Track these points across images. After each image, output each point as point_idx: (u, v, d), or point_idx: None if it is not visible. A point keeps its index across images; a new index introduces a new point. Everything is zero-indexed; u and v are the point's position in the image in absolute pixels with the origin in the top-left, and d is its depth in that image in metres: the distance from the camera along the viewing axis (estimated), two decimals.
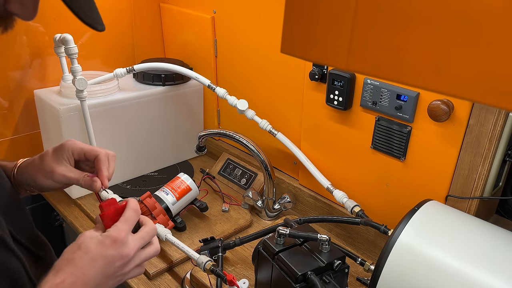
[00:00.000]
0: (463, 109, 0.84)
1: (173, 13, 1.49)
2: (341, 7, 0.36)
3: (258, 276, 0.88)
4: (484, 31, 0.29)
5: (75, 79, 1.12)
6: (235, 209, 1.23)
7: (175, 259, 1.04)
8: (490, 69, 0.29)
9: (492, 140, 0.82)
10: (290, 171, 1.30)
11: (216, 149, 1.50)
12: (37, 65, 1.30)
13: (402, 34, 0.33)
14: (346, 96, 1.01)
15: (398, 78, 0.35)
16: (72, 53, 1.12)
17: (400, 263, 0.72)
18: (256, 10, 1.21)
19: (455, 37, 0.31)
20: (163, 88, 1.36)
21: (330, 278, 0.78)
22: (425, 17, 0.32)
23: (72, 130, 1.18)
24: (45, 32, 1.27)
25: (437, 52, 0.32)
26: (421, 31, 0.32)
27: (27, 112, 1.30)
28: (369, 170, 1.04)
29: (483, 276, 0.65)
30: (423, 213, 0.77)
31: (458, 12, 0.30)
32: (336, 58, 0.38)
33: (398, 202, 1.00)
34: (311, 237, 0.81)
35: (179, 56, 1.52)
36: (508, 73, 0.29)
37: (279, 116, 1.24)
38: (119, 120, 1.27)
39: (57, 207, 1.27)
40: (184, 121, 1.45)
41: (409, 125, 0.93)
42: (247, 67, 1.30)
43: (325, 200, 1.18)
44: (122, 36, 1.48)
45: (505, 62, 0.29)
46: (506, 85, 0.29)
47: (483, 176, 0.85)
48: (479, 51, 0.30)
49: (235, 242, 0.96)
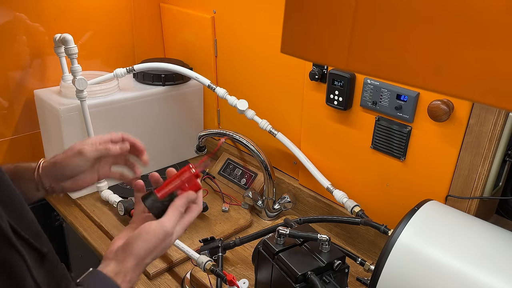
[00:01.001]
0: (463, 109, 0.84)
1: (173, 13, 1.49)
2: (341, 7, 0.36)
3: (258, 276, 0.88)
4: (484, 31, 0.29)
5: (75, 79, 1.12)
6: (235, 209, 1.23)
7: (175, 259, 1.04)
8: (490, 69, 0.29)
9: (492, 140, 0.82)
10: (290, 171, 1.29)
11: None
12: (37, 65, 1.30)
13: (402, 34, 0.33)
14: (346, 96, 1.01)
15: (398, 78, 0.35)
16: (72, 53, 1.12)
17: (400, 263, 0.72)
18: (256, 10, 1.21)
19: (455, 37, 0.31)
20: (163, 88, 1.36)
21: (330, 278, 0.78)
22: (425, 17, 0.32)
23: (72, 130, 1.18)
24: (45, 32, 1.27)
25: (437, 52, 0.32)
26: (421, 31, 0.32)
27: (27, 112, 1.30)
28: (369, 170, 1.04)
29: (483, 276, 0.65)
30: (423, 213, 0.77)
31: (458, 12, 0.30)
32: (336, 58, 0.38)
33: (398, 202, 1.00)
34: (311, 237, 0.81)
35: (179, 56, 1.52)
36: (508, 73, 0.29)
37: (279, 116, 1.24)
38: (119, 120, 1.27)
39: (57, 207, 1.27)
40: (184, 121, 1.45)
41: (409, 125, 0.93)
42: (247, 67, 1.30)
43: (325, 200, 1.18)
44: (122, 36, 1.48)
45: (505, 62, 0.29)
46: (506, 85, 0.29)
47: (483, 176, 0.85)
48: (479, 51, 0.30)
49: (235, 242, 0.96)
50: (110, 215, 1.19)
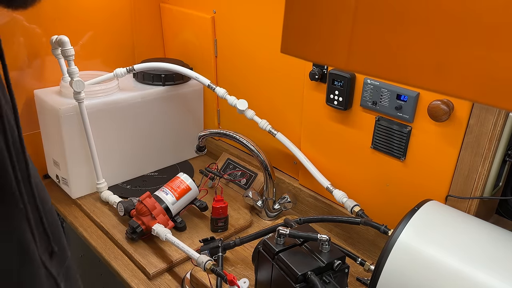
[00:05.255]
0: (463, 109, 0.84)
1: (173, 13, 1.49)
2: (341, 7, 0.36)
3: (258, 276, 0.88)
4: (484, 31, 0.29)
5: (72, 81, 1.12)
6: (235, 209, 1.23)
7: (175, 259, 1.04)
8: (490, 69, 0.29)
9: (492, 140, 0.82)
10: (290, 171, 1.30)
11: (216, 149, 1.50)
12: (37, 65, 1.30)
13: (402, 34, 0.33)
14: (346, 96, 1.01)
15: (398, 78, 0.35)
16: (68, 55, 1.12)
17: (400, 263, 0.72)
18: (256, 10, 1.21)
19: (455, 37, 0.31)
20: (163, 88, 1.36)
21: (330, 278, 0.78)
22: (425, 17, 0.32)
23: (72, 130, 1.18)
24: (42, 33, 1.27)
25: (437, 52, 0.32)
26: (421, 31, 0.32)
27: (27, 112, 1.30)
28: (369, 170, 1.04)
29: (483, 276, 0.65)
30: (423, 213, 0.77)
31: (458, 12, 0.30)
32: (336, 58, 0.38)
33: (398, 202, 1.00)
34: (311, 237, 0.81)
35: (179, 56, 1.52)
36: (508, 73, 0.29)
37: (279, 116, 1.24)
38: (119, 120, 1.27)
39: (57, 207, 1.27)
40: (184, 121, 1.45)
41: (409, 125, 0.93)
42: (247, 67, 1.30)
43: (325, 200, 1.18)
44: (122, 36, 1.48)
45: (505, 62, 0.29)
46: (506, 85, 0.29)
47: (483, 176, 0.85)
48: (479, 51, 0.30)
49: (235, 242, 0.96)
50: (110, 215, 1.19)
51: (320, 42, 0.39)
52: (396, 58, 0.34)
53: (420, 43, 0.33)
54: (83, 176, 1.25)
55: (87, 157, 1.22)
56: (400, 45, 0.34)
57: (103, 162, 1.25)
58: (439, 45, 0.32)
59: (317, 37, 0.39)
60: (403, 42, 0.33)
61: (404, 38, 0.33)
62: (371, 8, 0.35)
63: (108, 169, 1.28)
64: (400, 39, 0.33)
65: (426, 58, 0.32)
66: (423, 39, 0.32)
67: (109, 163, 1.29)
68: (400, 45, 0.34)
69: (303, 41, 0.40)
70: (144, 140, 1.37)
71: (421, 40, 0.32)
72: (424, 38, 0.32)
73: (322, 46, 0.39)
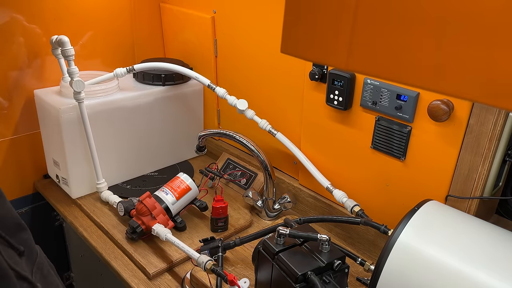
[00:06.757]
0: (463, 109, 0.84)
1: (173, 13, 1.49)
2: (341, 7, 0.36)
3: (258, 276, 0.88)
4: (485, 31, 0.29)
5: (72, 81, 1.12)
6: (235, 209, 1.23)
7: (175, 259, 1.04)
8: (490, 69, 0.29)
9: (492, 140, 0.82)
10: (290, 171, 1.29)
11: (216, 149, 1.50)
12: (37, 65, 1.30)
13: (402, 34, 0.33)
14: (346, 96, 1.01)
15: (398, 78, 0.35)
16: (68, 55, 1.12)
17: (400, 263, 0.72)
18: (256, 10, 1.21)
19: (455, 37, 0.31)
20: (163, 88, 1.36)
21: (330, 278, 0.78)
22: (425, 17, 0.32)
23: (72, 130, 1.18)
24: (42, 33, 1.27)
25: (437, 52, 0.32)
26: (421, 31, 0.32)
27: (27, 112, 1.30)
28: (369, 170, 1.04)
29: (483, 276, 0.65)
30: (423, 213, 0.77)
31: (458, 12, 0.30)
32: (336, 58, 0.38)
33: (398, 202, 1.00)
34: (311, 237, 0.81)
35: (179, 56, 1.52)
36: (508, 73, 0.29)
37: (279, 116, 1.24)
38: (119, 120, 1.27)
39: (57, 207, 1.27)
40: (184, 121, 1.45)
41: (409, 125, 0.93)
42: (247, 67, 1.30)
43: (325, 200, 1.18)
44: (122, 36, 1.48)
45: (505, 62, 0.29)
46: (506, 85, 0.29)
47: (483, 176, 0.85)
48: (479, 51, 0.30)
49: (235, 242, 0.96)
50: (110, 215, 1.19)
51: (320, 42, 0.39)
52: (396, 58, 0.34)
53: (420, 43, 0.32)
54: (83, 176, 1.25)
55: (87, 157, 1.22)
56: (400, 45, 0.34)
57: (103, 162, 1.25)
58: (439, 45, 0.31)
59: (317, 37, 0.39)
60: (403, 42, 0.33)
61: (404, 38, 0.33)
62: (371, 8, 0.35)
63: (108, 169, 1.28)
64: (400, 39, 0.33)
65: (426, 58, 0.32)
66: (423, 39, 0.32)
67: (109, 163, 1.29)
68: (400, 45, 0.34)
69: (303, 41, 0.40)
70: (144, 140, 1.37)
71: (421, 40, 0.32)
72: (424, 38, 0.32)
73: (322, 46, 0.39)
